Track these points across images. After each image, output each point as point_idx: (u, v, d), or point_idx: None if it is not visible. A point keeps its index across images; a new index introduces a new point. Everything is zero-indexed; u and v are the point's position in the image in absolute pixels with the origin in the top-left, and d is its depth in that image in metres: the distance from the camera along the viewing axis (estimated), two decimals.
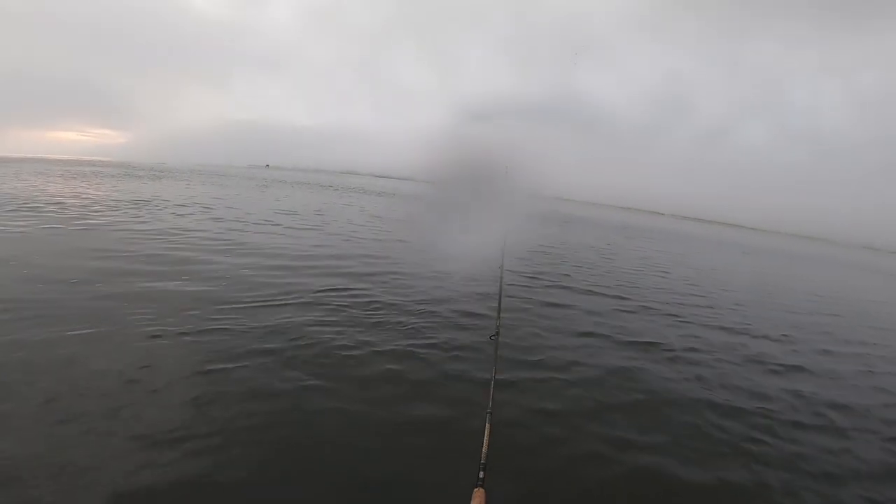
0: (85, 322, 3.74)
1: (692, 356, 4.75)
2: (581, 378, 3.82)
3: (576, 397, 3.48)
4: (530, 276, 7.69)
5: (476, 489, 1.54)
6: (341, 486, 2.33)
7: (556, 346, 4.48)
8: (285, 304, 4.70)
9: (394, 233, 11.61)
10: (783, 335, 6.25)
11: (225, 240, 7.79)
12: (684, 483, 2.66)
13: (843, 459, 3.18)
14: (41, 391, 2.73)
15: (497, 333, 2.75)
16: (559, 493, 2.48)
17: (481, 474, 1.64)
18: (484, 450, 1.81)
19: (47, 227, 7.37)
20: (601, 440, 2.95)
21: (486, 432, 1.93)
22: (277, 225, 10.45)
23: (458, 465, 2.39)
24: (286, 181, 38.84)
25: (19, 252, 5.64)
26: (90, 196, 12.08)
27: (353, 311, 4.74)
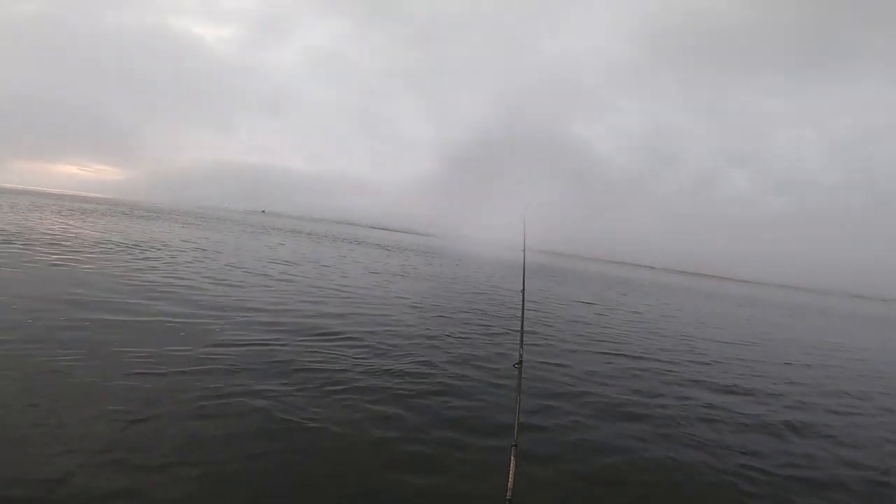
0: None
1: (696, 413, 4.63)
2: (586, 441, 3.70)
3: (583, 461, 3.35)
4: (526, 332, 7.60)
5: None
6: None
7: (556, 406, 4.37)
8: (264, 366, 4.54)
9: (390, 287, 11.60)
10: (784, 391, 6.20)
11: (204, 289, 7.68)
12: None
13: None
14: None
15: (520, 362, 2.72)
16: None
17: None
18: (510, 485, 1.70)
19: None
20: None
21: (512, 466, 1.81)
22: (267, 276, 10.39)
23: None
24: (282, 228, 39.11)
25: None
26: (77, 234, 11.96)
27: (342, 374, 4.58)
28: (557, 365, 5.89)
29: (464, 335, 6.88)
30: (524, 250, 4.99)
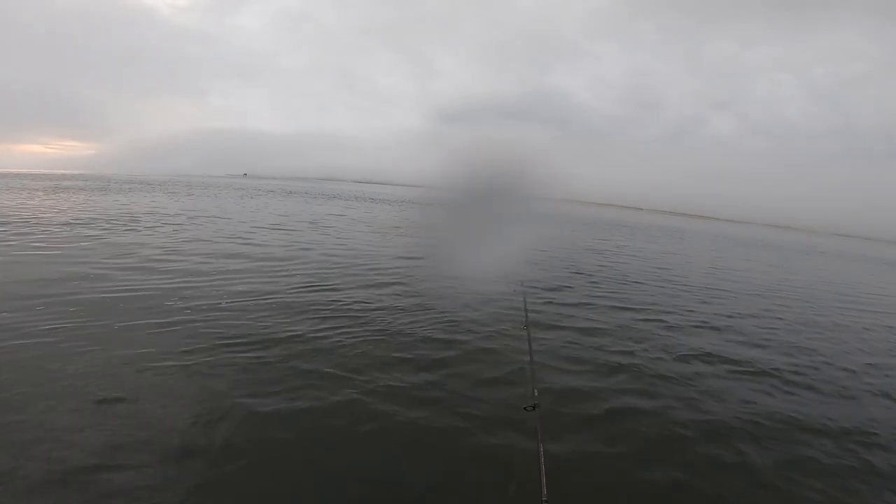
0: None
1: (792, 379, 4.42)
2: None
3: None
4: (552, 289, 7.27)
5: None
6: None
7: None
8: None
9: (394, 247, 11.12)
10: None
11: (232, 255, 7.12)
12: None
13: None
14: None
15: (535, 405, 2.19)
16: None
17: None
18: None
19: None
20: None
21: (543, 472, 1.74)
22: (307, 249, 9.80)
23: None
24: (274, 191, 37.65)
25: None
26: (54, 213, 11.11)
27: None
28: (596, 331, 5.58)
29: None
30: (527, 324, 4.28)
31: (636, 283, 8.64)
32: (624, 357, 4.52)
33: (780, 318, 7.07)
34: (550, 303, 6.40)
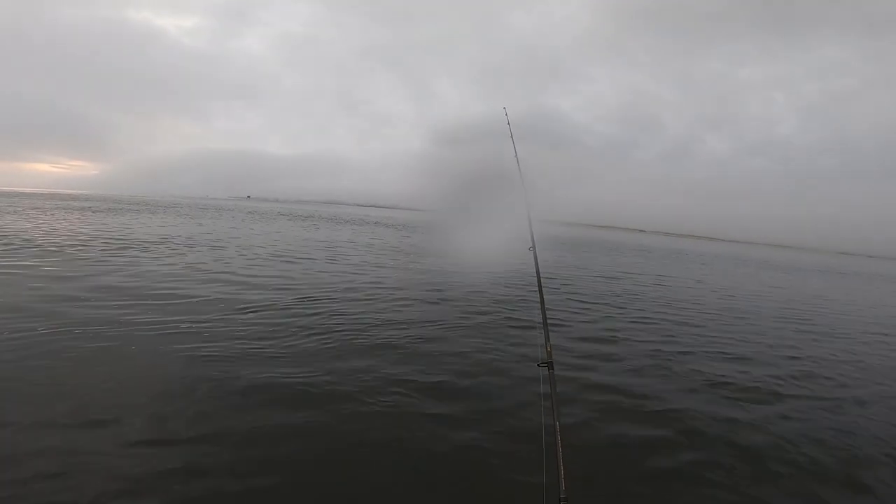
0: None
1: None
2: None
3: None
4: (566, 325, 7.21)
5: None
6: None
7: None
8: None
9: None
10: None
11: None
12: None
13: None
14: None
15: (549, 362, 1.98)
16: None
17: None
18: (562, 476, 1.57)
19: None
20: None
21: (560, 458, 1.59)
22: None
23: None
24: (288, 214, 37.60)
25: None
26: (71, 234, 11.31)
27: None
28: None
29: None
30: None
31: None
32: None
33: None
34: None
